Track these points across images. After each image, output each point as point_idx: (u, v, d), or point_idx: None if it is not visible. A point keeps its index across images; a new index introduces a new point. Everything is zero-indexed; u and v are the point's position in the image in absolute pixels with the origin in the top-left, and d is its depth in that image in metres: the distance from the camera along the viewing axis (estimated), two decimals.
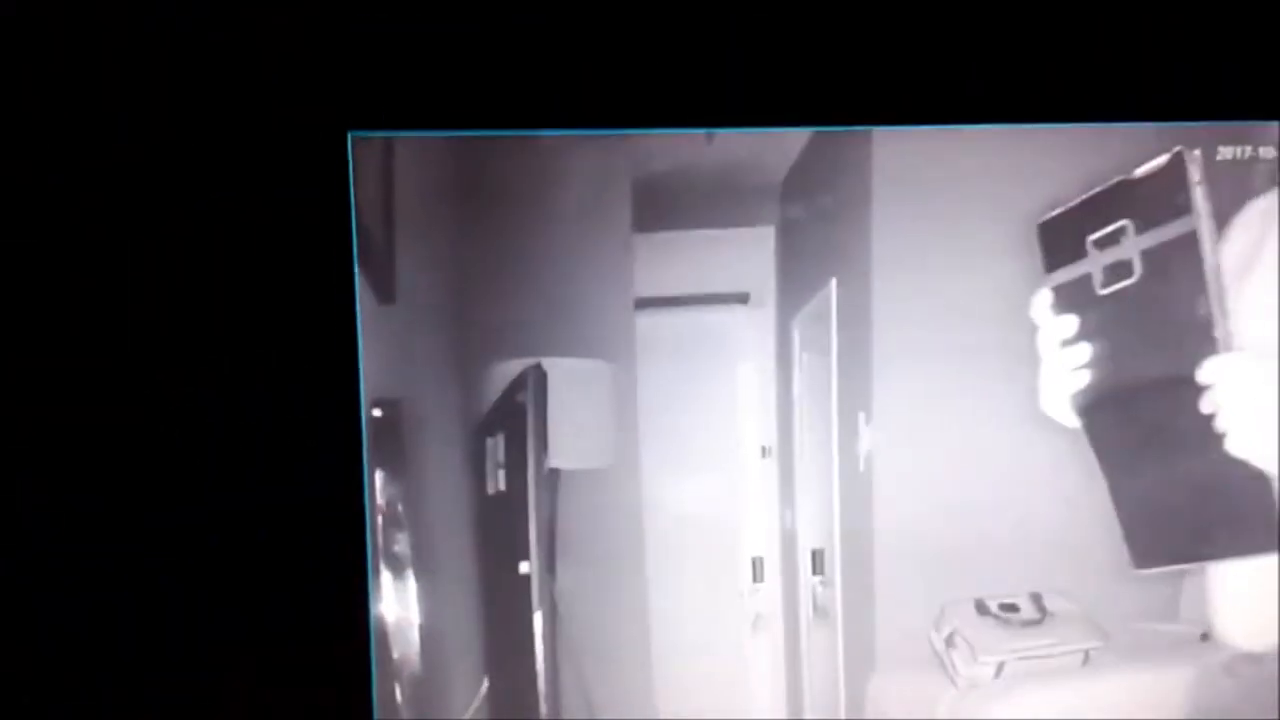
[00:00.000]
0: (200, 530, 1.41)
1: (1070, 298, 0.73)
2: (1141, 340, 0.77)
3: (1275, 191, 0.97)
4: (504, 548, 1.93)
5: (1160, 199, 0.73)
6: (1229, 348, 0.63)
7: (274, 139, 1.38)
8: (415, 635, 1.66)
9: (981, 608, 2.19)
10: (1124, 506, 0.80)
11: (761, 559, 3.27)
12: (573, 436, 2.03)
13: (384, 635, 1.61)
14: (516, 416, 1.91)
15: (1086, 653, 2.05)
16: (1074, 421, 0.74)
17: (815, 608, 2.93)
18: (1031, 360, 1.33)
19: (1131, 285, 0.73)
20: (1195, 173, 0.68)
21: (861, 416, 2.48)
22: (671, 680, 2.62)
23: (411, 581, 1.65)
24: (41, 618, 1.38)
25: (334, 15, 1.39)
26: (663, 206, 2.23)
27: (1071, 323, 0.71)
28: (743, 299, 3.27)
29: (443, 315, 1.91)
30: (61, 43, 1.34)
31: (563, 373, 1.99)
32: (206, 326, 1.39)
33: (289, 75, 1.38)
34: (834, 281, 2.88)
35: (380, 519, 1.55)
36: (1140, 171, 0.67)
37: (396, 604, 1.63)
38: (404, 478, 1.64)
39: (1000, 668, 2.12)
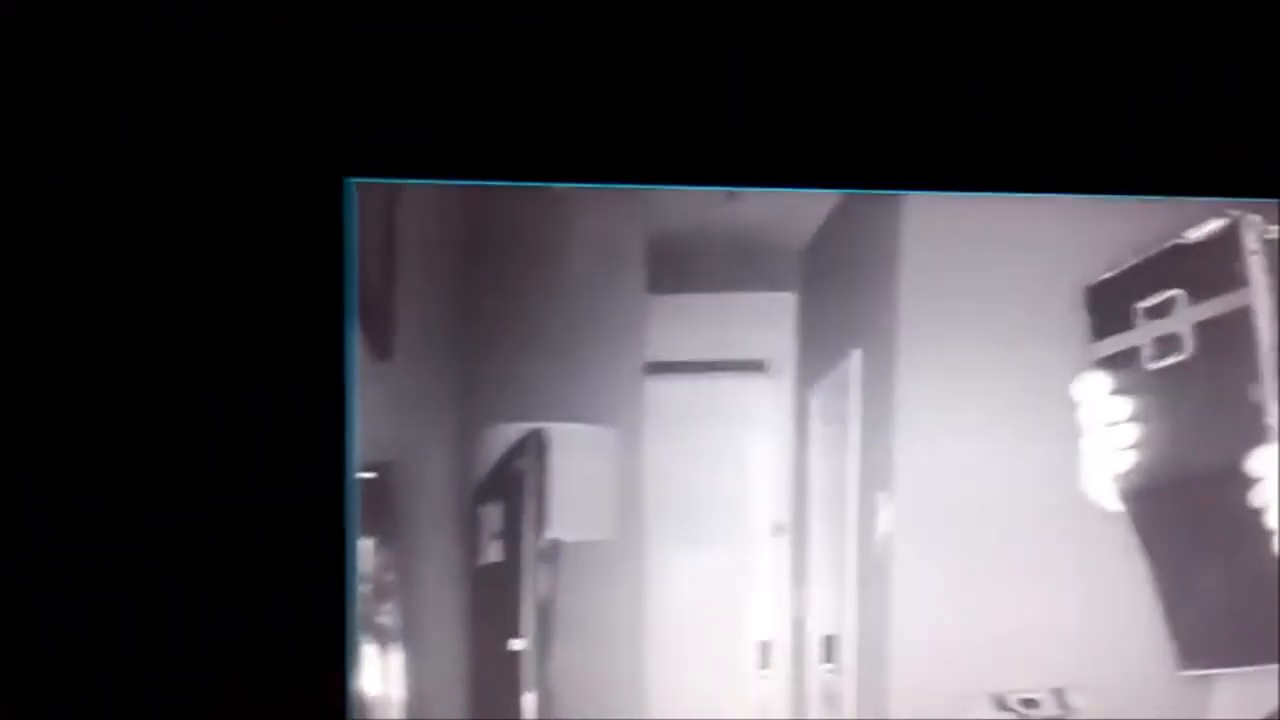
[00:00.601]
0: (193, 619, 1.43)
1: (1117, 373, 0.71)
2: (1191, 423, 0.75)
3: None
4: (496, 623, 1.90)
5: (1215, 267, 0.71)
6: None
7: (270, 183, 1.41)
8: (398, 712, 1.65)
9: (1000, 703, 2.15)
10: (1169, 601, 0.77)
11: (769, 643, 3.23)
12: (574, 507, 1.99)
13: (364, 709, 1.59)
14: (515, 484, 1.89)
15: None
16: (1117, 506, 0.72)
17: (825, 697, 2.90)
18: (1069, 442, 1.31)
19: (1182, 362, 0.70)
20: (1252, 240, 0.65)
21: (881, 496, 2.45)
22: None
23: (395, 654, 1.65)
24: (41, 616, 1.40)
25: (336, 57, 1.42)
26: (679, 267, 2.21)
27: (1118, 400, 0.69)
28: (759, 367, 3.26)
29: (442, 374, 1.89)
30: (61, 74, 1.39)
31: (566, 439, 1.96)
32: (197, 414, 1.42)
33: (286, 117, 1.41)
34: (858, 353, 2.92)
35: (367, 588, 1.55)
36: (1194, 236, 0.65)
37: (380, 677, 1.65)
38: (393, 545, 1.62)
39: None
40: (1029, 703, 2.18)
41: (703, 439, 3.04)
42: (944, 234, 1.95)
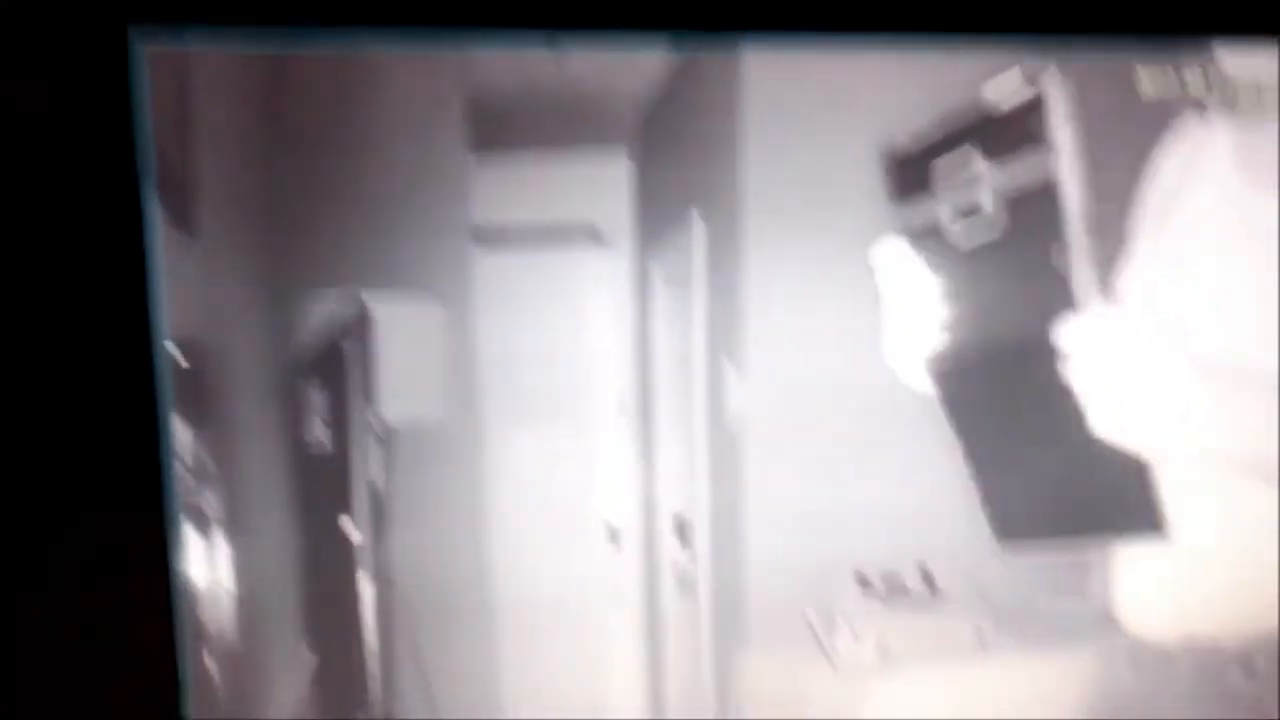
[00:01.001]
0: None
1: (917, 242, 0.73)
2: (996, 292, 0.75)
3: (1205, 124, 1.05)
4: (327, 510, 1.94)
5: (1018, 135, 0.70)
6: (1089, 309, 0.63)
7: (52, 40, 1.38)
8: (228, 603, 1.68)
9: (863, 581, 2.24)
10: (982, 474, 0.82)
11: (618, 526, 3.34)
12: (402, 386, 1.98)
13: (193, 604, 1.61)
14: (337, 362, 1.89)
15: (980, 634, 2.07)
16: (924, 382, 0.75)
17: (678, 578, 2.91)
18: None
19: (982, 223, 0.71)
20: (1058, 102, 0.66)
21: (730, 368, 2.48)
22: (519, 658, 2.59)
23: (221, 543, 1.64)
24: None
25: None
26: (504, 125, 2.16)
27: (921, 268, 0.72)
28: (595, 234, 3.32)
29: (251, 245, 1.89)
30: None
31: (390, 314, 1.94)
32: None
33: None
34: (698, 216, 2.66)
35: (187, 474, 1.56)
36: (993, 97, 0.66)
37: (207, 569, 1.68)
38: (210, 426, 1.58)
39: (882, 648, 2.14)
40: (893, 581, 2.31)
41: (538, 312, 3.08)
42: (787, 92, 2.02)
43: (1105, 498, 0.79)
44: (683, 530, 3.10)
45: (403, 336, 1.94)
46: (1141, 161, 1.07)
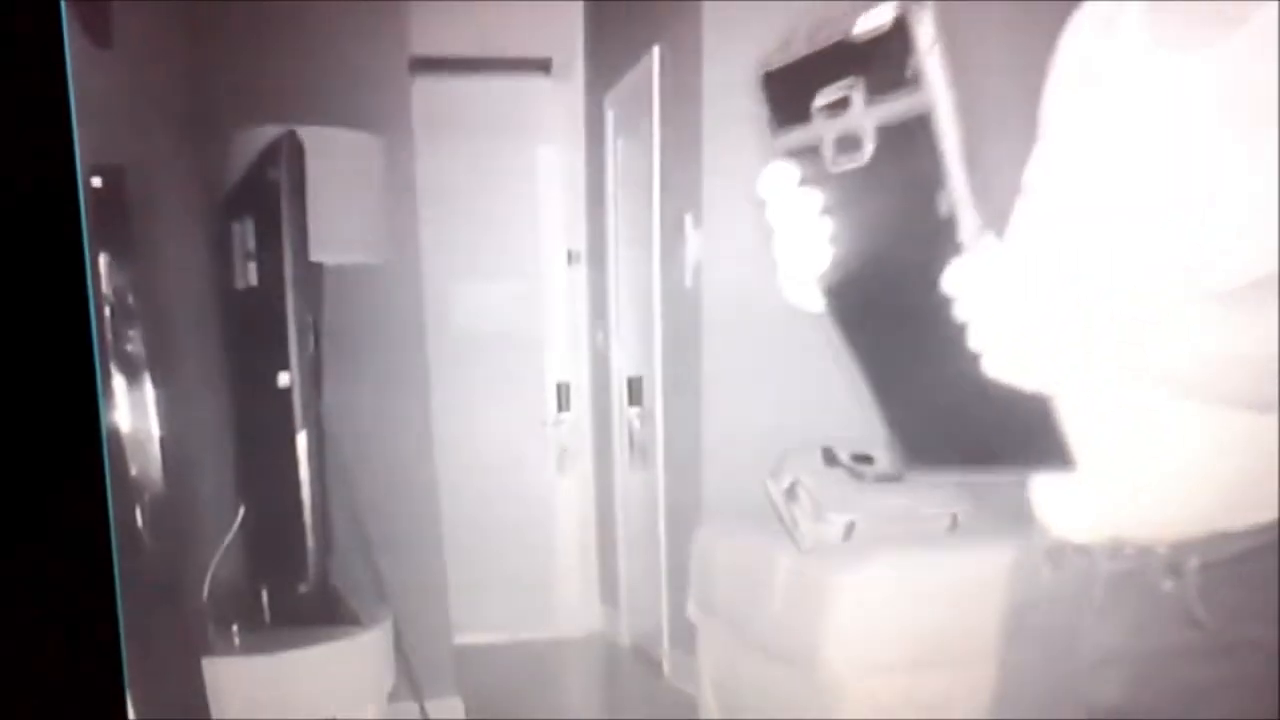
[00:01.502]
0: None
1: (803, 168, 0.75)
2: (883, 229, 0.78)
3: None
4: (259, 354, 1.95)
5: (886, 67, 0.73)
6: (975, 250, 0.67)
7: None
8: (156, 450, 1.66)
9: (830, 457, 2.33)
10: (884, 403, 0.85)
11: (568, 385, 3.16)
12: (337, 224, 1.98)
13: (119, 447, 1.62)
14: (268, 196, 1.87)
15: (954, 517, 2.22)
16: (818, 306, 0.78)
17: (632, 445, 2.99)
18: None
19: (865, 166, 0.74)
20: (925, 36, 0.68)
21: (689, 219, 2.51)
22: (462, 520, 2.67)
23: (148, 387, 1.63)
24: None
25: None
26: None
27: (805, 198, 0.74)
28: (544, 66, 3.33)
29: (174, 66, 1.87)
30: None
31: (323, 145, 1.91)
32: None
33: None
34: (656, 50, 2.64)
35: (108, 311, 1.60)
36: (859, 29, 0.68)
37: (131, 413, 1.71)
38: (134, 263, 1.53)
39: (850, 528, 2.21)
40: (862, 458, 2.30)
41: (481, 151, 3.06)
42: None
43: (1008, 431, 0.83)
44: (636, 392, 3.21)
45: (336, 169, 1.95)
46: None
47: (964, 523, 2.20)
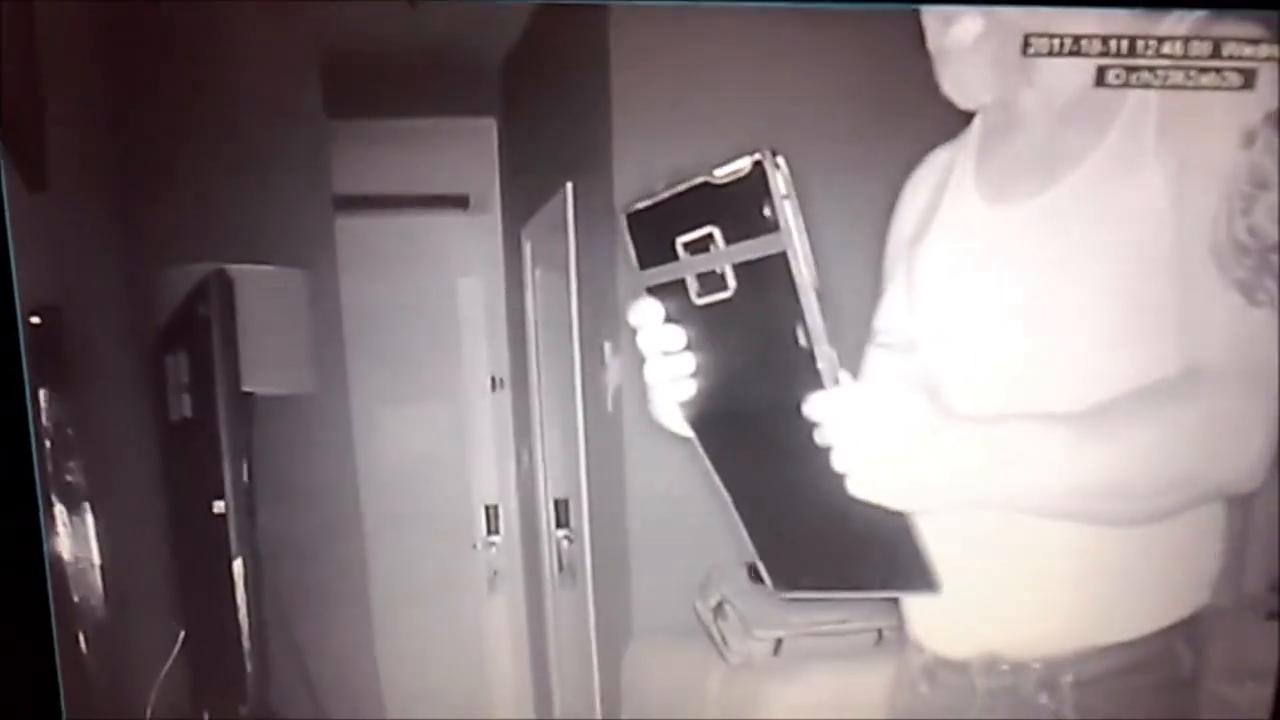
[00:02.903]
0: None
1: (668, 301, 0.81)
2: (744, 360, 0.84)
3: (956, 143, 1.16)
4: (195, 483, 1.99)
5: (746, 210, 0.80)
6: (834, 380, 0.73)
7: None
8: (97, 578, 1.73)
9: (756, 573, 2.51)
10: (752, 528, 0.89)
11: (496, 507, 3.19)
12: (267, 356, 2.04)
13: (62, 576, 1.63)
14: (199, 331, 1.93)
15: (880, 632, 2.18)
16: (687, 431, 0.83)
17: (561, 565, 3.03)
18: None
19: (727, 301, 0.80)
20: (781, 184, 0.74)
21: (608, 346, 2.60)
22: (398, 642, 2.71)
23: (89, 517, 1.70)
24: None
25: None
26: (361, 88, 2.14)
27: (672, 331, 0.80)
28: (461, 203, 3.43)
29: (107, 207, 1.95)
30: None
31: (251, 281, 1.99)
32: None
33: None
34: (569, 186, 2.74)
35: (48, 444, 1.65)
36: (720, 174, 0.74)
37: (72, 542, 1.68)
38: (73, 397, 1.66)
39: (778, 645, 2.24)
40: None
41: (405, 284, 3.15)
42: (656, 48, 2.00)
43: (873, 553, 0.89)
44: (563, 513, 3.26)
45: (265, 304, 2.03)
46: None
47: (889, 637, 2.16)
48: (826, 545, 0.91)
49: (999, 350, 0.98)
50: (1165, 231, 0.96)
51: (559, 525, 3.05)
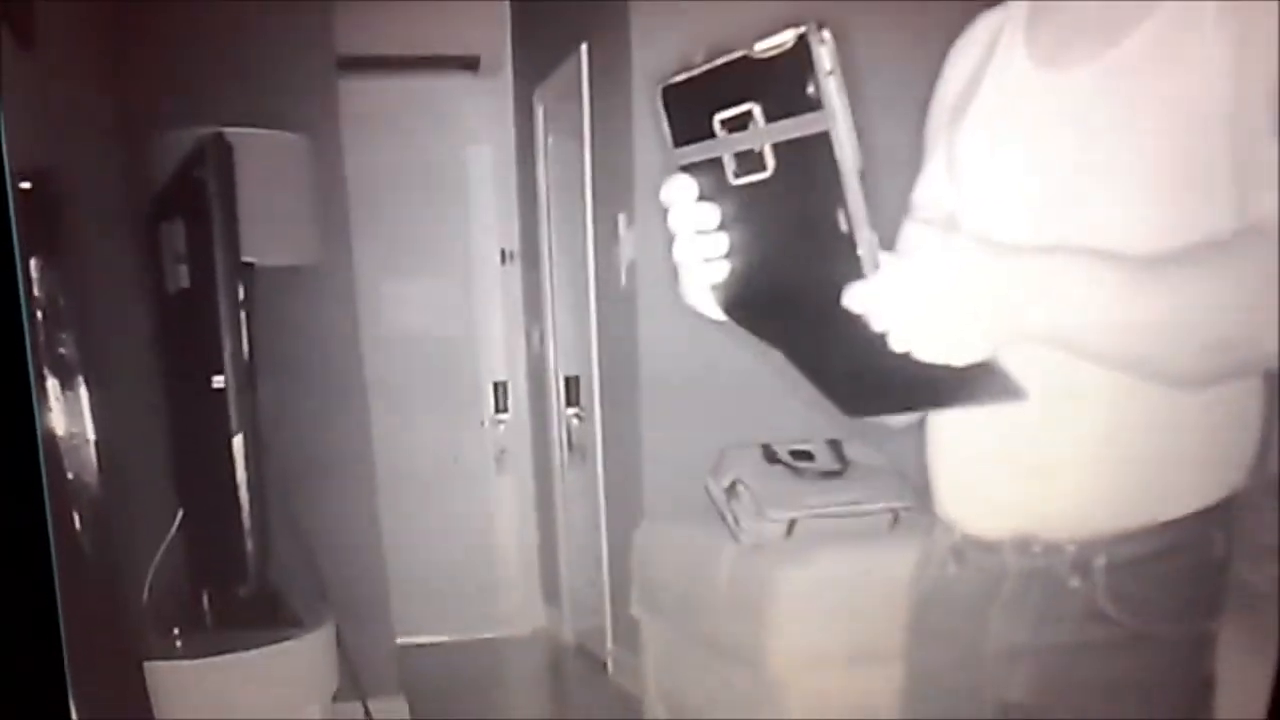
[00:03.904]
0: None
1: (704, 180, 0.79)
2: (782, 244, 0.83)
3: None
4: (193, 357, 1.97)
5: (788, 87, 0.77)
6: (875, 266, 0.72)
7: None
8: (92, 454, 1.77)
9: (769, 454, 2.38)
10: (808, 367, 0.89)
11: (505, 384, 3.23)
12: (267, 225, 2.00)
13: (55, 453, 1.68)
14: (196, 198, 1.88)
15: (895, 513, 2.27)
16: (718, 314, 0.82)
17: (570, 444, 3.06)
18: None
19: (765, 181, 0.78)
20: (825, 59, 0.72)
21: (622, 218, 2.56)
22: (403, 521, 2.73)
23: (83, 391, 1.74)
24: None
25: None
26: None
27: (706, 209, 0.79)
28: (471, 65, 3.36)
29: (99, 68, 1.89)
30: None
31: (251, 146, 1.94)
32: None
33: None
34: (584, 48, 2.70)
35: (40, 315, 1.63)
36: (761, 48, 0.72)
37: (66, 417, 1.73)
38: (66, 266, 1.64)
39: (791, 525, 2.26)
40: (802, 454, 2.37)
41: (411, 151, 3.07)
42: None
43: (944, 373, 0.89)
44: (574, 391, 3.07)
45: (265, 170, 1.98)
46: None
47: (905, 519, 2.26)
48: (891, 375, 0.90)
49: (1045, 218, 0.96)
50: (1226, 92, 0.93)
51: (569, 403, 3.07)
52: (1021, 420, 0.95)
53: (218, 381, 1.93)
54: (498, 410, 3.23)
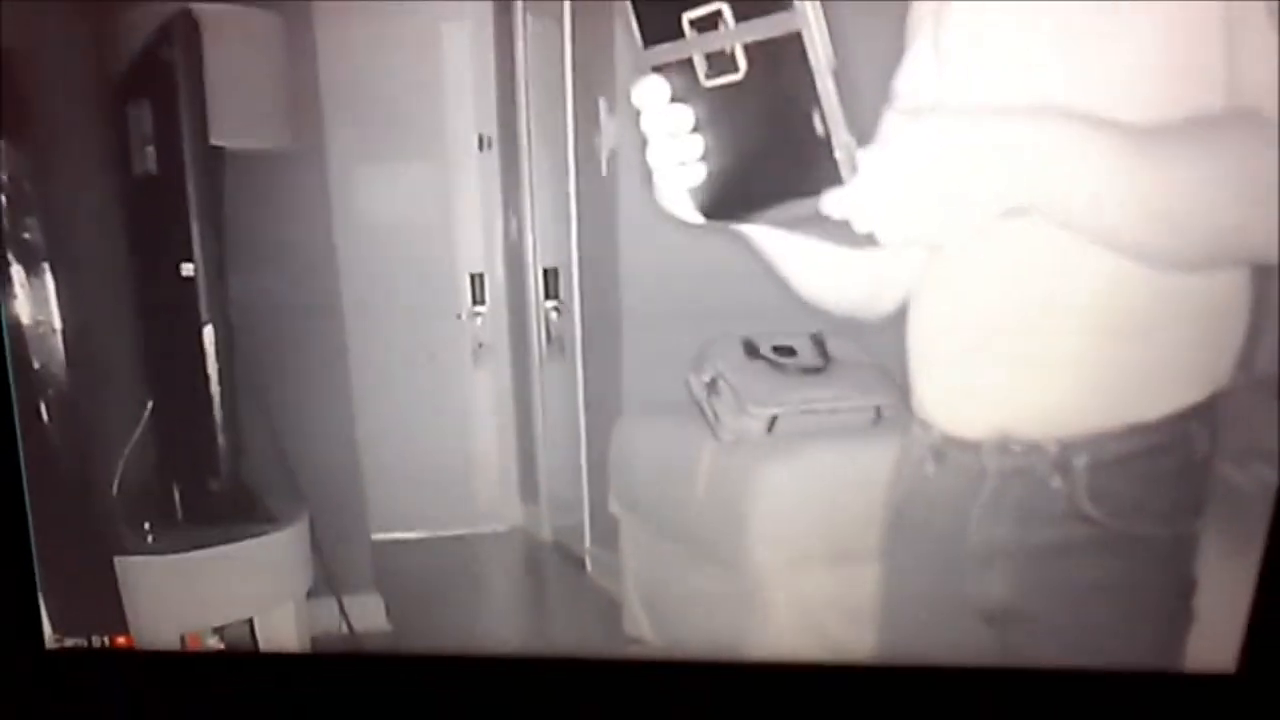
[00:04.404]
0: None
1: (675, 82, 0.77)
2: (758, 147, 0.81)
3: None
4: (161, 244, 1.95)
5: None
6: (853, 169, 0.70)
7: None
8: (59, 342, 1.69)
9: (751, 349, 2.36)
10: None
11: (482, 276, 3.15)
12: (238, 107, 1.96)
13: (20, 341, 1.65)
14: (164, 78, 1.86)
15: (878, 410, 2.26)
16: (695, 218, 0.80)
17: (549, 338, 3.04)
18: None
19: (738, 83, 0.76)
20: None
21: (603, 103, 2.55)
22: (377, 416, 2.69)
23: (48, 278, 1.65)
24: None
25: None
26: None
27: (679, 111, 0.76)
28: None
29: None
30: None
31: (220, 23, 1.90)
32: None
33: None
34: None
35: (4, 198, 1.60)
36: None
37: (31, 305, 1.65)
38: (29, 148, 1.61)
39: (773, 421, 2.24)
40: (784, 350, 2.34)
41: (385, 29, 2.99)
42: None
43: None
44: (553, 283, 3.07)
45: (234, 49, 1.94)
46: None
47: (888, 416, 2.24)
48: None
49: (1035, 94, 0.94)
50: None
51: (548, 296, 3.05)
52: (1002, 315, 0.95)
53: (187, 269, 1.91)
54: (475, 302, 3.20)
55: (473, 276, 3.21)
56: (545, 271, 3.00)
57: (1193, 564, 1.03)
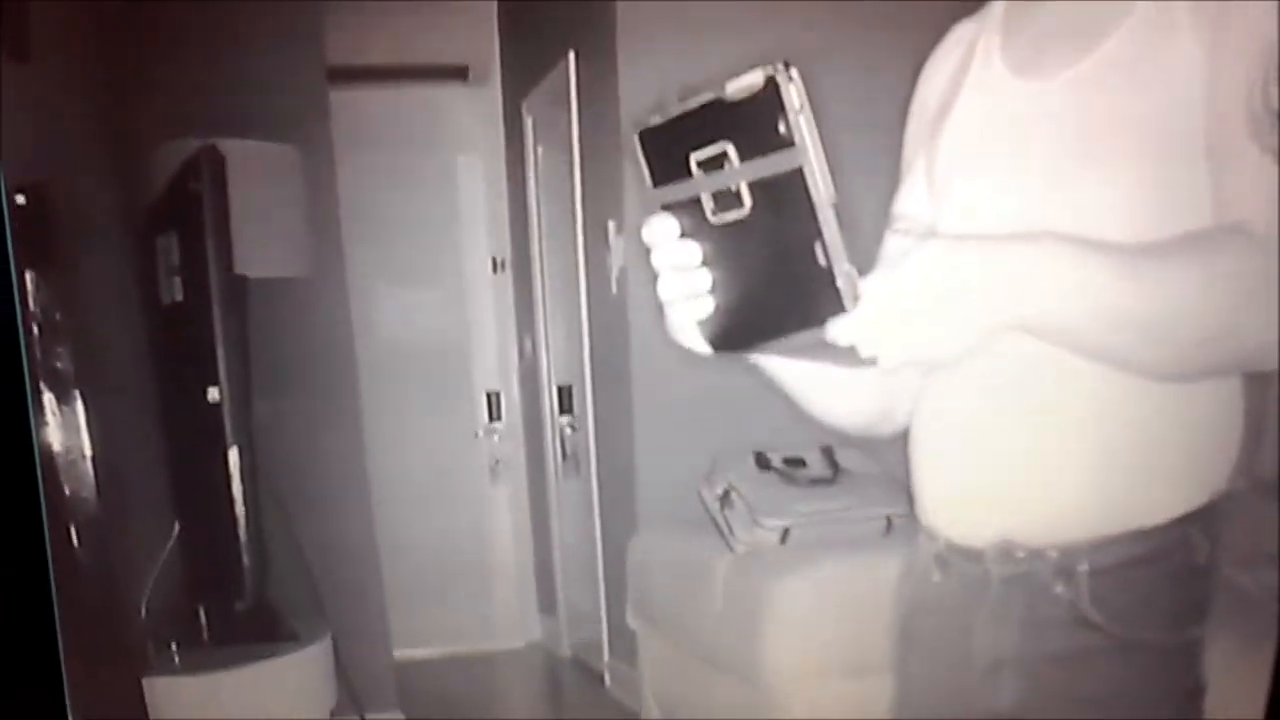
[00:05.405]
0: None
1: (684, 219, 0.83)
2: (764, 279, 0.86)
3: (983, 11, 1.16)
4: (188, 370, 2.00)
5: (759, 126, 0.81)
6: (854, 298, 0.75)
7: None
8: (88, 468, 1.75)
9: (763, 462, 2.44)
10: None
11: (499, 394, 3.29)
12: (261, 237, 2.03)
13: (52, 467, 1.72)
14: (190, 210, 1.92)
15: (889, 519, 2.30)
16: (704, 348, 0.85)
17: (564, 454, 3.10)
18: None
19: (744, 218, 0.82)
20: (795, 97, 0.75)
21: (612, 225, 2.60)
22: (397, 532, 2.76)
23: (79, 405, 1.71)
24: None
25: None
26: None
27: (688, 247, 0.82)
28: (460, 74, 3.37)
29: (93, 80, 1.93)
30: None
31: (244, 158, 1.97)
32: None
33: None
34: (572, 55, 2.74)
35: (36, 329, 1.65)
36: (732, 90, 0.76)
37: (62, 431, 1.72)
38: (60, 279, 1.67)
39: (786, 533, 2.30)
40: (795, 462, 2.42)
41: (402, 160, 3.10)
42: None
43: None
44: (567, 400, 3.11)
45: (258, 181, 2.01)
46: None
47: (899, 525, 2.28)
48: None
49: (1027, 221, 0.98)
50: (1201, 93, 0.96)
51: (562, 412, 3.10)
52: (1001, 423, 0.98)
53: (213, 394, 1.96)
54: (491, 419, 3.25)
55: (489, 394, 3.32)
56: (559, 389, 3.05)
57: (1200, 667, 1.04)
